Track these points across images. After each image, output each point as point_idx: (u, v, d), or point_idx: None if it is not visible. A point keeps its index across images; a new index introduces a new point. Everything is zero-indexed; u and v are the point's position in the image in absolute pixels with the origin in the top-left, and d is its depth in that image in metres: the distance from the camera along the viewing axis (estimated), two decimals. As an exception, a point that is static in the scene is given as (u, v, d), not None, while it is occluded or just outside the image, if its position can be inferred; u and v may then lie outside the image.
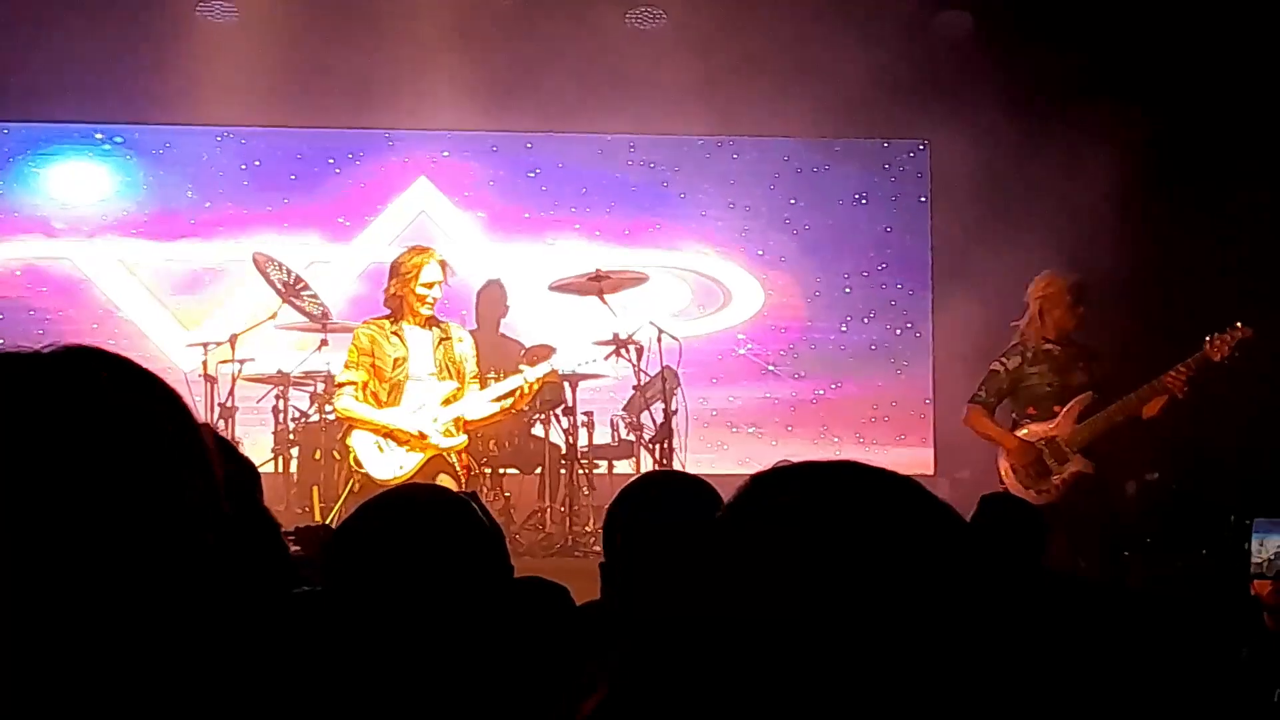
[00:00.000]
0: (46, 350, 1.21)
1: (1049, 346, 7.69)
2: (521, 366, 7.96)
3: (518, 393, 7.85)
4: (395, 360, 7.68)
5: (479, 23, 10.10)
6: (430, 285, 7.70)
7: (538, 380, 7.83)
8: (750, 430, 11.03)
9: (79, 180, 10.74)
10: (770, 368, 11.12)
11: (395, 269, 7.81)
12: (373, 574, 2.39)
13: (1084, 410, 7.56)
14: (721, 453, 10.71)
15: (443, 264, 7.78)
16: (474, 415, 7.83)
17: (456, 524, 2.45)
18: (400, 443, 7.61)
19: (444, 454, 7.67)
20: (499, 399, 7.83)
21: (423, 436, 7.61)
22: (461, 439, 7.75)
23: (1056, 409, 7.61)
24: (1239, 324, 7.36)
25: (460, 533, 2.44)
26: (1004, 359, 7.82)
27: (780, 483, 1.33)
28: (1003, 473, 7.72)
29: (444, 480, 7.54)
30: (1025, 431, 7.67)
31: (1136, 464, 9.32)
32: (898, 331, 11.17)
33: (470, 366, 7.89)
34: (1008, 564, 4.99)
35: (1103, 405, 7.56)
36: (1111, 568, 7.29)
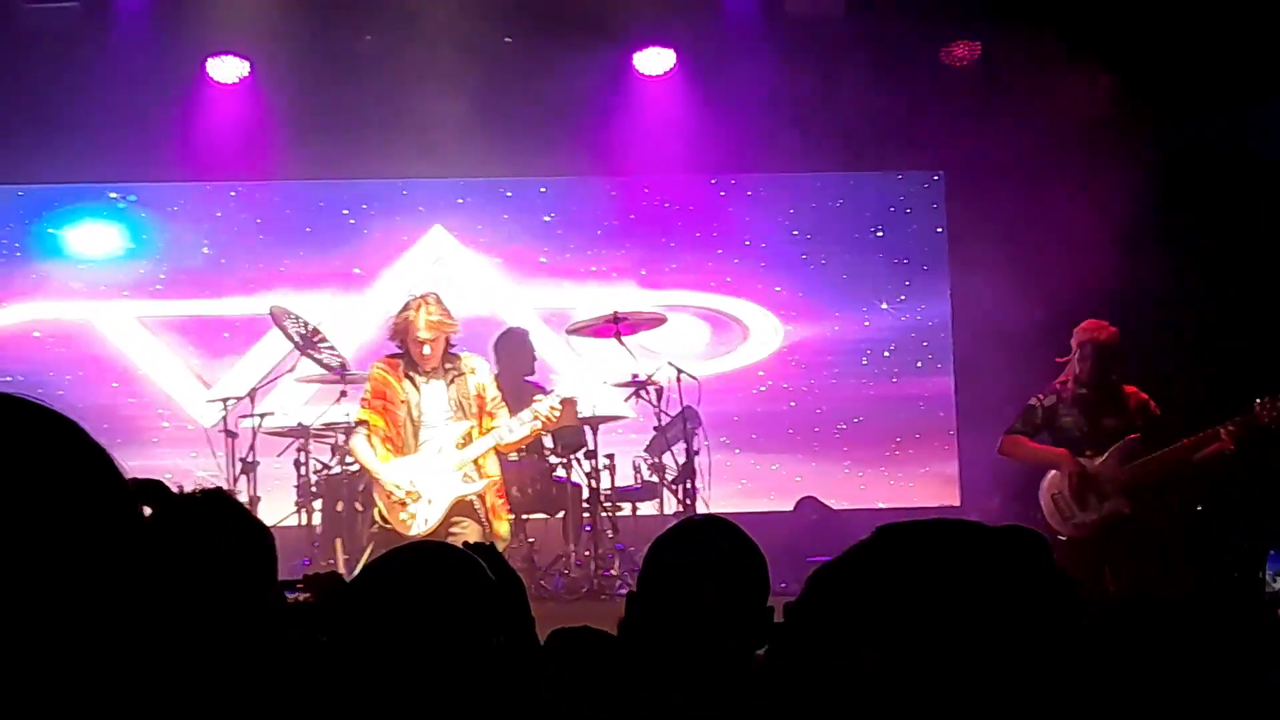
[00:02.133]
0: None
1: (1083, 391, 7.73)
2: (537, 396, 7.83)
3: (538, 421, 7.66)
4: (407, 405, 7.59)
5: (489, 70, 10.11)
6: (421, 344, 7.58)
7: (551, 410, 7.66)
8: (774, 467, 10.98)
9: (95, 240, 10.77)
10: (791, 404, 11.08)
11: (391, 328, 7.73)
12: (376, 632, 2.39)
13: (1128, 452, 7.56)
14: (745, 490, 10.66)
15: (435, 321, 7.55)
16: (506, 440, 7.69)
17: (461, 582, 2.45)
18: (394, 500, 7.50)
19: (467, 500, 7.58)
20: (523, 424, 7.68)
21: (411, 495, 7.48)
22: (482, 483, 7.63)
23: (1089, 453, 7.61)
24: None
25: (464, 590, 2.44)
26: (1041, 396, 7.88)
27: (903, 534, 1.44)
28: (1044, 499, 7.68)
29: (467, 526, 7.44)
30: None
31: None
32: (919, 363, 11.12)
33: (491, 392, 7.72)
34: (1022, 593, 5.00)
35: (1145, 447, 7.56)
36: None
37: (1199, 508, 9.45)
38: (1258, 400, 7.46)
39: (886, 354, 11.12)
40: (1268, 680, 2.53)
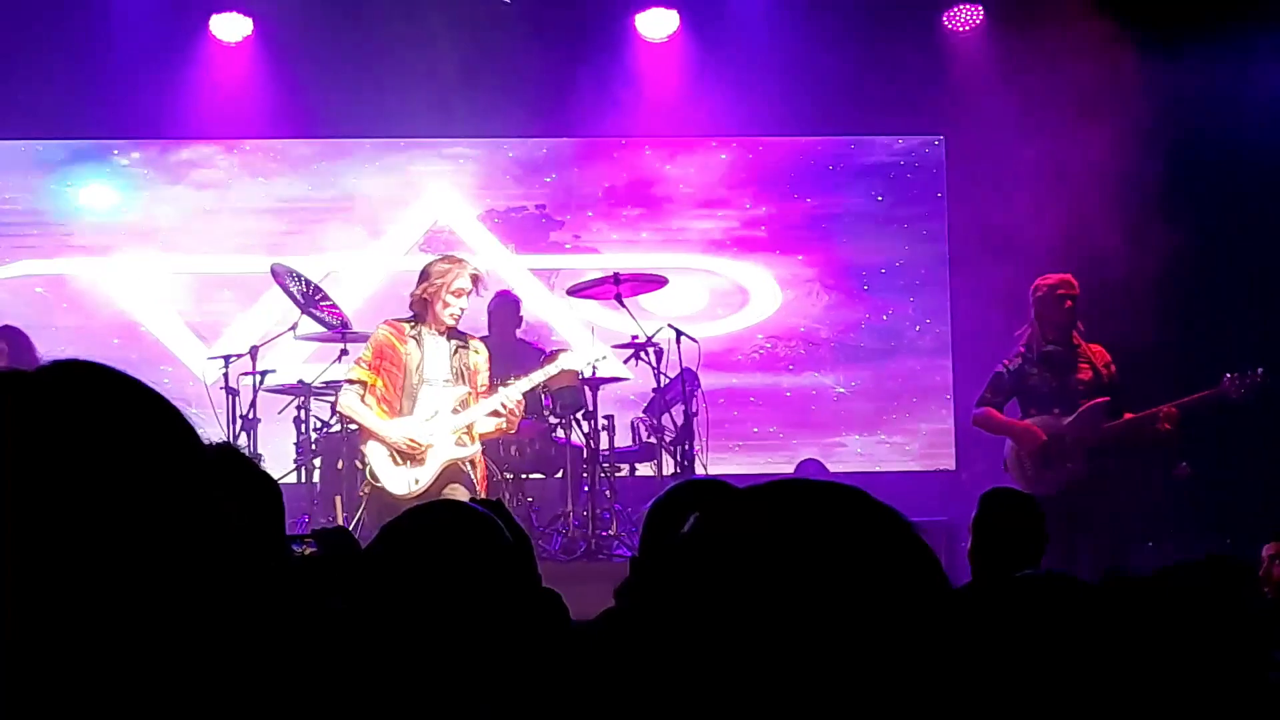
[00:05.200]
0: (42, 367, 1.23)
1: (1049, 348, 7.76)
2: (509, 381, 7.81)
3: (505, 411, 7.65)
4: (409, 366, 7.61)
5: (492, 31, 10.13)
6: (458, 295, 7.59)
7: (518, 403, 7.69)
8: (772, 429, 11.03)
9: (98, 197, 10.79)
10: (790, 367, 11.12)
11: (425, 274, 7.69)
12: (398, 590, 2.41)
13: (1095, 414, 7.58)
14: (742, 453, 10.71)
15: (475, 277, 7.66)
16: (478, 430, 7.74)
17: (479, 541, 2.47)
18: (403, 455, 7.53)
19: (458, 464, 7.60)
20: (490, 415, 7.67)
21: (413, 446, 7.50)
22: (475, 448, 7.67)
23: (1056, 410, 7.65)
24: (1259, 370, 7.43)
25: (482, 550, 2.47)
26: (1007, 361, 7.94)
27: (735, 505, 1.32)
28: (1008, 460, 7.76)
29: (458, 491, 7.46)
30: (1036, 422, 7.75)
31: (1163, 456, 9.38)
32: (916, 327, 11.15)
33: (482, 379, 7.79)
34: (1008, 558, 5.04)
35: (1114, 408, 7.59)
36: (1112, 562, 7.33)
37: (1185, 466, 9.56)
38: (1227, 375, 7.48)
39: (885, 318, 11.16)
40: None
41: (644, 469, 9.31)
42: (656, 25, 10.63)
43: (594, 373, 8.67)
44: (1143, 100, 9.69)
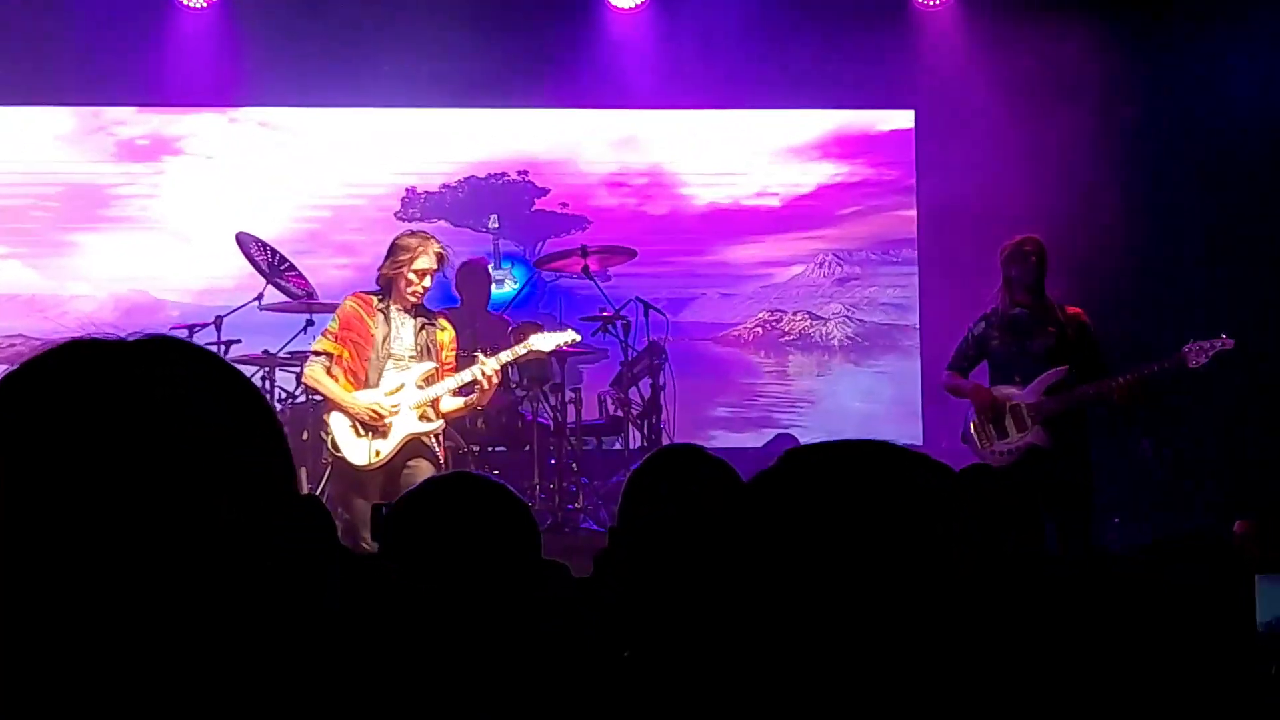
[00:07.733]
0: (129, 339, 1.27)
1: (1016, 310, 7.55)
2: (482, 354, 7.72)
3: (477, 387, 7.56)
4: (376, 339, 7.53)
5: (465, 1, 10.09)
6: (421, 274, 7.50)
7: (495, 373, 7.60)
8: (737, 405, 11.01)
9: (50, 162, 10.71)
10: (758, 339, 11.10)
11: (391, 249, 7.63)
12: (423, 559, 2.48)
13: (1055, 384, 7.42)
14: (709, 428, 10.70)
15: (440, 255, 7.58)
16: (444, 407, 7.65)
17: (502, 509, 2.59)
18: (365, 427, 7.44)
19: (421, 438, 7.53)
20: (457, 391, 7.60)
21: (376, 417, 7.40)
22: (437, 424, 7.60)
23: (1017, 377, 7.49)
24: (1223, 335, 7.26)
25: (504, 517, 2.60)
26: (972, 326, 7.74)
27: (811, 459, 1.39)
28: (968, 427, 7.63)
29: (421, 464, 7.40)
30: (995, 390, 7.58)
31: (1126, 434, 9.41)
32: (885, 301, 11.15)
33: (447, 355, 7.69)
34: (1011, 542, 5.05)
35: (1075, 380, 7.42)
36: (1083, 538, 7.22)
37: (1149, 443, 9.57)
38: (1186, 347, 7.27)
39: (856, 290, 11.16)
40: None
41: (611, 442, 9.30)
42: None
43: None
44: (1112, 78, 9.70)
